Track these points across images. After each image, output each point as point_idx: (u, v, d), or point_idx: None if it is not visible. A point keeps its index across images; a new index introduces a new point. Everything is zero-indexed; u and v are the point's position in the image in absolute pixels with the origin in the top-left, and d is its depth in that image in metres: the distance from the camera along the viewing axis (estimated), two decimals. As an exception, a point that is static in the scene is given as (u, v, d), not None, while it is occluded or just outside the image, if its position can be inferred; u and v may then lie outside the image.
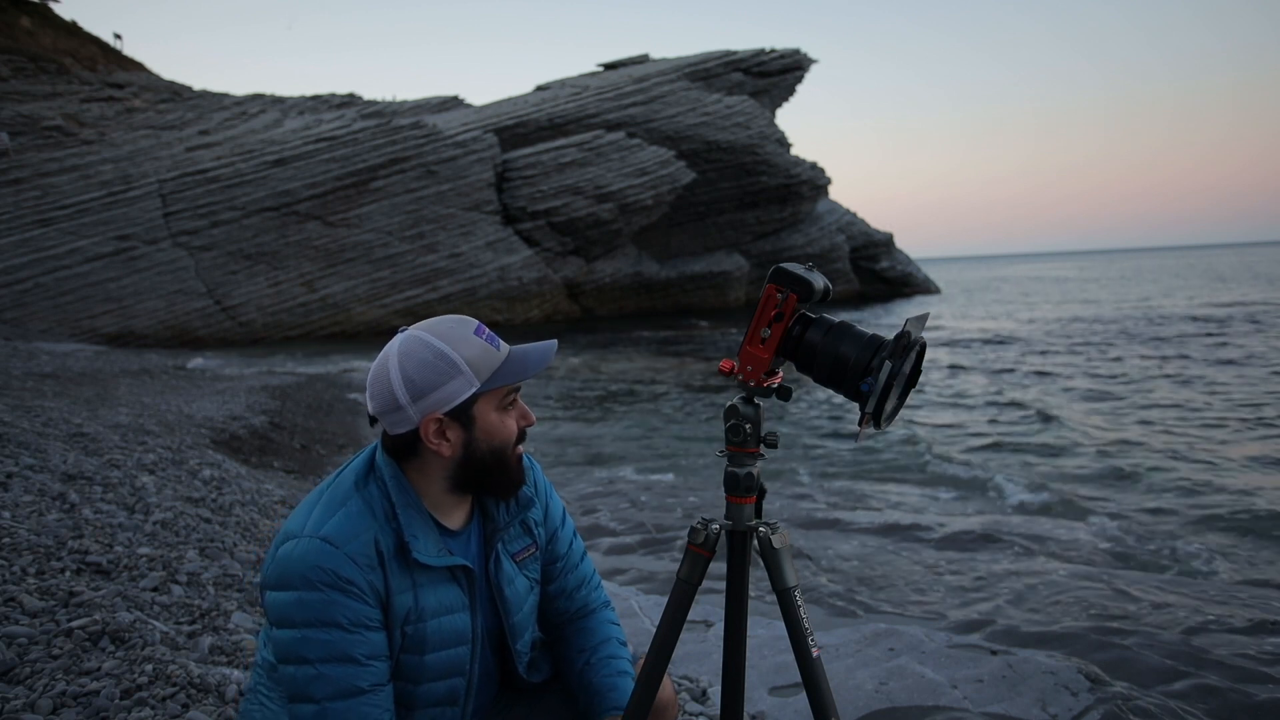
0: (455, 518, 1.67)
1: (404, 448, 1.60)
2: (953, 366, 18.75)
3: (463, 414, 1.56)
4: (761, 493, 1.66)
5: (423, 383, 1.53)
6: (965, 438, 11.19)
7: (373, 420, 1.61)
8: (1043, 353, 21.04)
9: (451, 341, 1.55)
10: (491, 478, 1.62)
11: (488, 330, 1.60)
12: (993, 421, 12.22)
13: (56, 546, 3.64)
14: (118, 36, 54.90)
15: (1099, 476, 8.79)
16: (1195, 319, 28.37)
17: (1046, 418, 12.27)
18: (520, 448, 1.66)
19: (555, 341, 1.65)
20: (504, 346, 1.61)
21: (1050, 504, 7.72)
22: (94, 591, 3.18)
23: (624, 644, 1.87)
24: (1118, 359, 19.09)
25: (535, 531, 1.79)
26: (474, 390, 1.55)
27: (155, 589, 3.42)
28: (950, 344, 23.88)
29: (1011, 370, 18.00)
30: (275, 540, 1.55)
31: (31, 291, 30.71)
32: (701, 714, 3.19)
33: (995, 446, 10.56)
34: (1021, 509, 7.54)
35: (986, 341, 24.34)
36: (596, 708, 1.74)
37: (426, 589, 1.58)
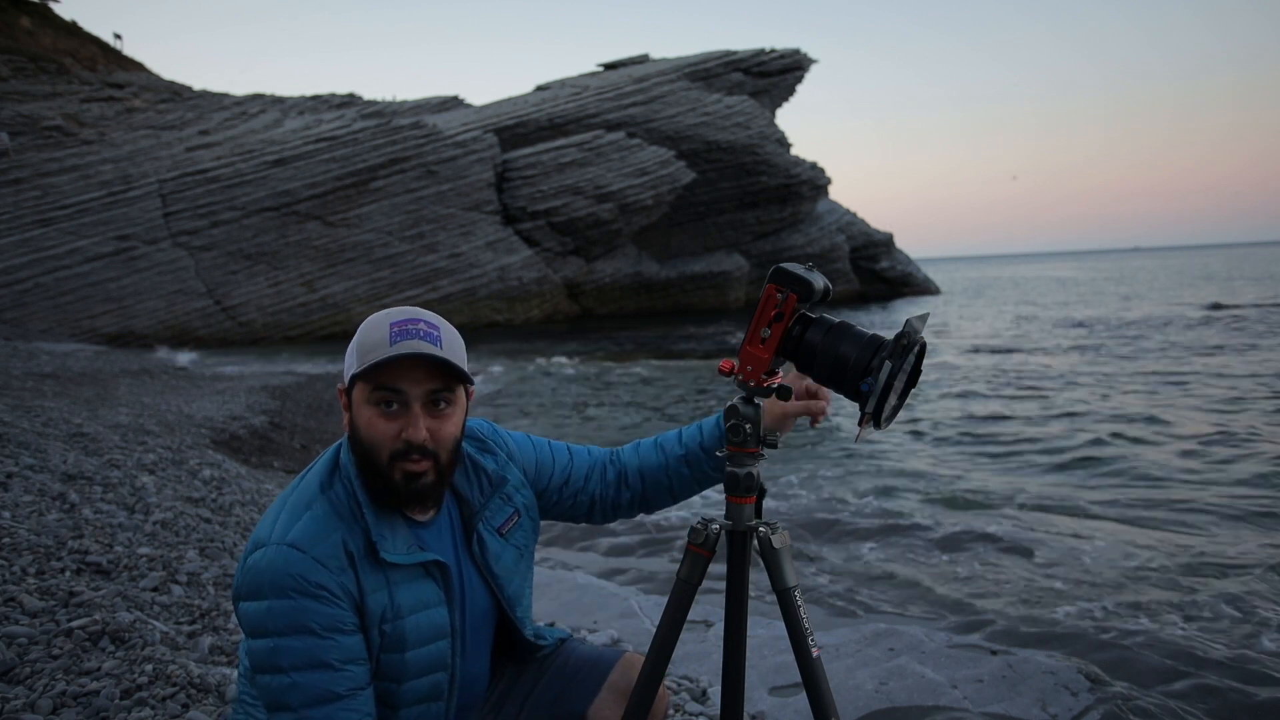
0: (422, 509, 1.66)
1: None
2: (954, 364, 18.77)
3: (349, 393, 1.58)
4: (762, 493, 1.66)
5: (347, 355, 1.59)
6: (967, 436, 11.19)
7: None
8: (1056, 350, 21.03)
9: (370, 323, 1.57)
10: (369, 477, 1.55)
11: (415, 326, 1.53)
12: (995, 419, 12.21)
13: (56, 546, 3.64)
14: (118, 36, 54.94)
15: (1100, 476, 8.79)
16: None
17: (1051, 417, 12.27)
18: (409, 465, 1.54)
19: (437, 355, 1.52)
20: (408, 345, 1.50)
21: (1051, 504, 7.72)
22: (94, 591, 3.18)
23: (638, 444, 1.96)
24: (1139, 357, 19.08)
25: (515, 498, 1.79)
26: (353, 371, 1.55)
27: (155, 589, 3.42)
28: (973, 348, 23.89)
29: (1016, 371, 18.00)
30: (245, 549, 1.55)
31: (31, 291, 30.71)
32: (701, 714, 3.19)
33: (998, 444, 10.55)
34: (1022, 509, 7.54)
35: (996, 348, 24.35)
36: (692, 434, 1.88)
37: (401, 586, 1.57)
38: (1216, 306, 32.80)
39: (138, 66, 52.20)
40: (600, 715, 1.78)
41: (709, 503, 7.74)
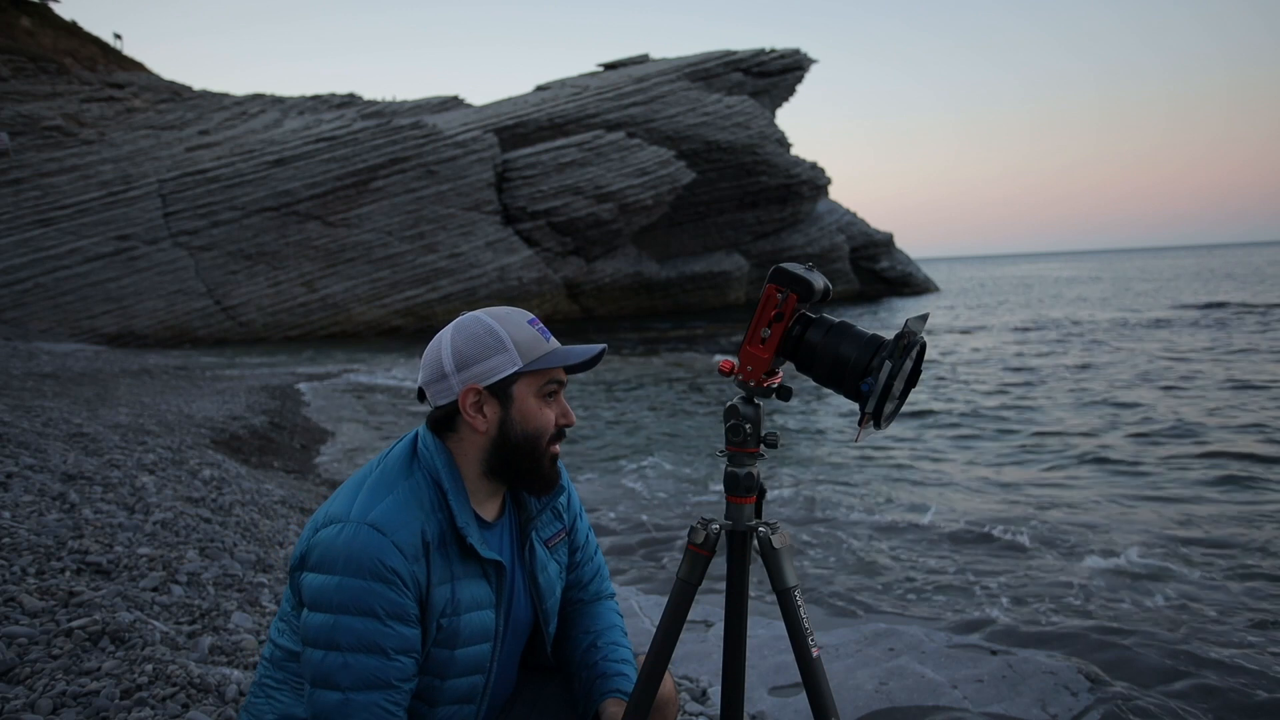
0: (490, 508, 1.69)
1: (445, 421, 1.62)
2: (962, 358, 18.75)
3: (502, 391, 1.59)
4: (761, 493, 1.66)
5: (469, 354, 1.58)
6: (967, 435, 11.19)
7: (421, 394, 1.64)
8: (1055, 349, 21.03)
9: (503, 322, 1.61)
10: (523, 465, 1.63)
11: (541, 324, 1.65)
12: (995, 418, 12.22)
13: (56, 546, 3.64)
14: (118, 36, 54.97)
15: (1100, 476, 8.79)
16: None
17: (1049, 415, 12.28)
18: (556, 447, 1.66)
19: (604, 346, 1.67)
20: (553, 340, 1.65)
21: (1051, 503, 7.72)
22: (94, 591, 3.18)
23: (625, 634, 1.88)
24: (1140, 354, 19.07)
25: (565, 515, 1.82)
26: (516, 368, 1.58)
27: (155, 589, 3.42)
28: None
29: (1023, 368, 18.00)
30: (313, 521, 1.55)
31: (31, 291, 30.72)
32: (701, 714, 3.19)
33: (998, 444, 10.56)
34: (1023, 509, 7.54)
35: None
36: (599, 689, 1.76)
37: (463, 582, 1.59)
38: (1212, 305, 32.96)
39: (138, 66, 52.20)
40: (609, 715, 1.79)
41: (709, 503, 7.75)
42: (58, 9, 53.30)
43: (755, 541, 1.65)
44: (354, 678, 1.46)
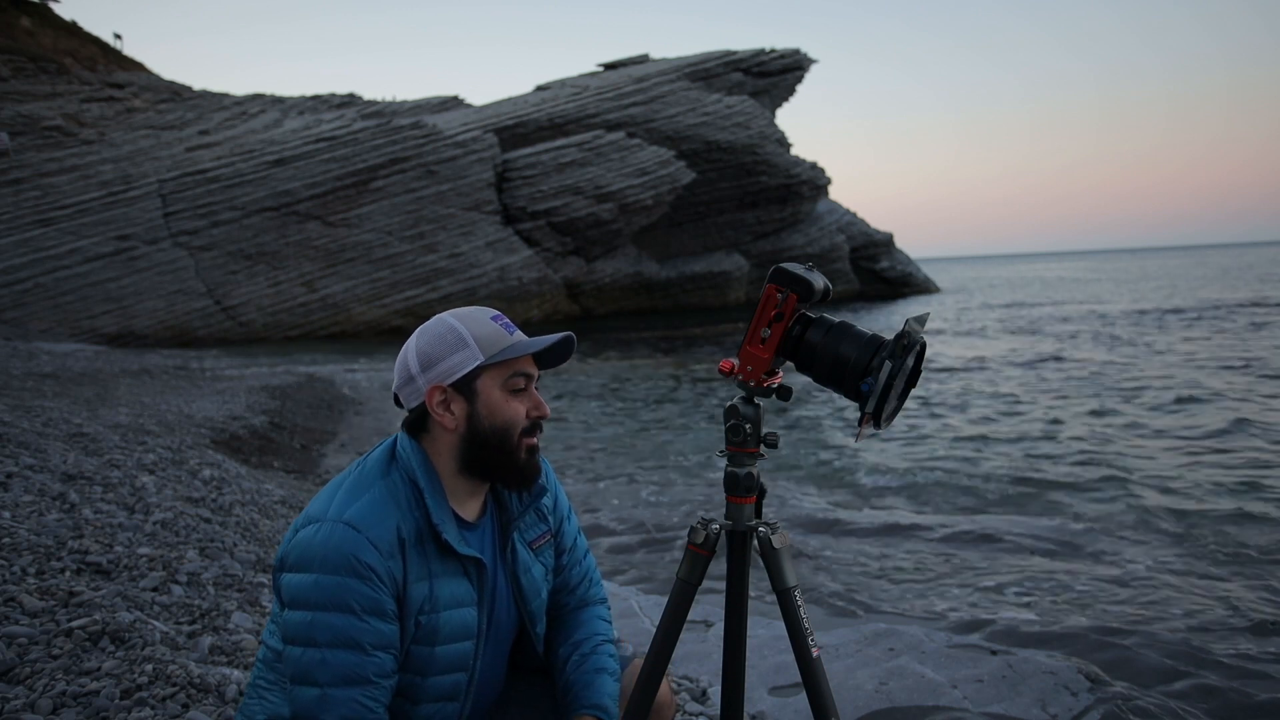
0: (470, 508, 1.70)
1: (418, 423, 1.65)
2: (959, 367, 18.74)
3: (466, 387, 1.61)
4: (762, 493, 1.66)
5: (432, 353, 1.61)
6: (967, 436, 11.19)
7: (397, 400, 1.67)
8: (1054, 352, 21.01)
9: (464, 319, 1.63)
10: (496, 460, 1.64)
11: (506, 319, 1.66)
12: (995, 419, 12.22)
13: (56, 546, 3.64)
14: (118, 36, 54.96)
15: (1099, 476, 8.79)
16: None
17: (1049, 420, 12.28)
18: (531, 439, 1.67)
19: (571, 334, 1.68)
20: (518, 334, 1.66)
21: (1050, 504, 7.72)
22: (94, 591, 3.18)
23: (610, 641, 1.88)
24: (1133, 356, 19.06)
25: (550, 517, 1.83)
26: (477, 363, 1.59)
27: (155, 589, 3.42)
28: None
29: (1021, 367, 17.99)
30: (294, 524, 1.58)
31: (31, 291, 30.70)
32: (701, 714, 3.19)
33: (997, 445, 10.55)
34: (1021, 509, 7.54)
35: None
36: (571, 704, 1.76)
37: (441, 580, 1.60)
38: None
39: (138, 66, 52.18)
40: None
41: (709, 503, 7.74)
42: (58, 9, 53.34)
43: (755, 541, 1.66)
44: (331, 673, 1.47)
